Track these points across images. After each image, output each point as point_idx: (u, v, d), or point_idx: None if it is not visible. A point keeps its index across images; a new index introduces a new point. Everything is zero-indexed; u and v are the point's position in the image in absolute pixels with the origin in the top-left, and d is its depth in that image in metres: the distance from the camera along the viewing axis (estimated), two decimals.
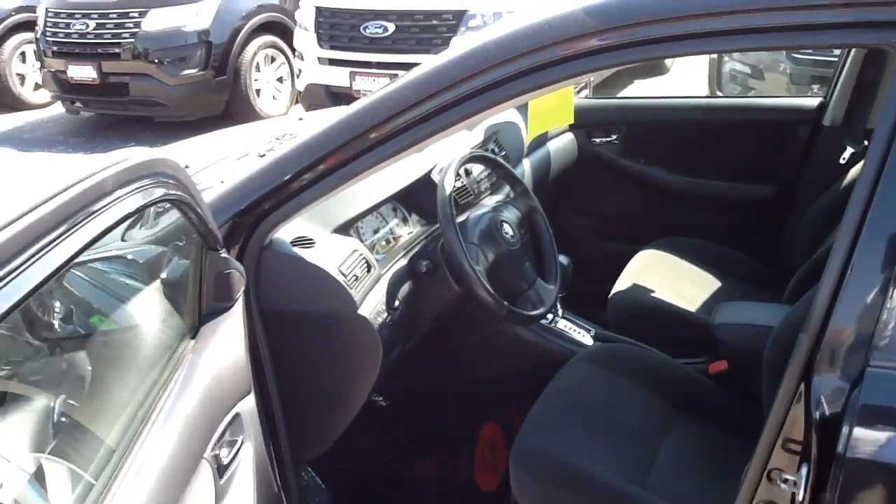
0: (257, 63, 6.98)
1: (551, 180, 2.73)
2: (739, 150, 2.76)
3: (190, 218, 1.19)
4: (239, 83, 6.87)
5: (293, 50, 6.56)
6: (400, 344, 1.84)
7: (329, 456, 1.81)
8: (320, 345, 1.61)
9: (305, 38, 5.96)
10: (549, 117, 2.21)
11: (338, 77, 5.76)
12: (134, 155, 1.01)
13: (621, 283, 2.47)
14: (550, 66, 1.36)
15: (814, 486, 1.18)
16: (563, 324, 2.29)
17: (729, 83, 5.03)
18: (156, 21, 6.60)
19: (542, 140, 2.70)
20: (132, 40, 6.58)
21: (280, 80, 7.25)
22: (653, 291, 2.40)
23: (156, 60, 6.59)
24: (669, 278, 2.47)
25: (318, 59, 5.85)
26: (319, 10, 5.79)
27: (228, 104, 6.91)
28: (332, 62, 5.78)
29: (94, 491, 0.97)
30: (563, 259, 2.23)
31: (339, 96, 5.71)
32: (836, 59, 3.02)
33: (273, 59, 7.17)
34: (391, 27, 5.45)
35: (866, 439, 1.12)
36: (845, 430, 1.12)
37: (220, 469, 1.20)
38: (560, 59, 1.35)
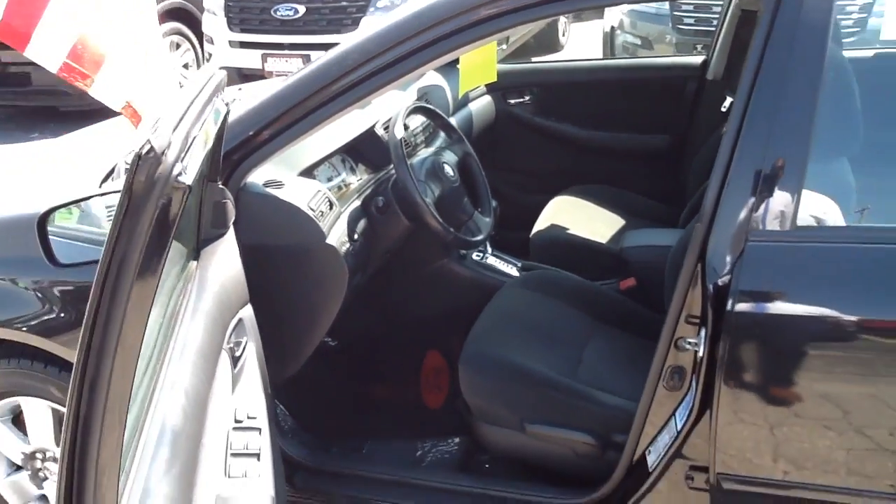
0: None
1: (473, 138, 3.01)
2: (637, 105, 3.11)
3: (217, 138, 1.41)
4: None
5: (198, 36, 6.63)
6: (360, 272, 2.09)
7: (290, 390, 2.05)
8: (295, 272, 1.85)
9: (215, 22, 6.06)
10: (476, 74, 2.50)
11: (249, 59, 5.89)
12: (221, 73, 1.25)
13: (540, 225, 2.79)
14: (472, 26, 1.64)
15: (711, 342, 1.51)
16: (492, 260, 2.60)
17: (621, 54, 5.45)
18: None
19: (463, 102, 2.99)
20: None
21: (186, 66, 7.28)
22: (567, 229, 2.73)
23: None
24: (581, 218, 2.80)
25: (229, 42, 5.97)
26: None
27: None
28: (244, 45, 5.91)
29: (150, 368, 1.20)
30: (492, 202, 2.53)
31: (251, 78, 5.84)
32: (713, 28, 3.42)
33: (178, 46, 7.19)
34: (302, 9, 5.62)
35: (748, 298, 1.46)
36: (732, 292, 1.45)
37: (234, 360, 1.44)
38: (477, 21, 1.64)
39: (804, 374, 1.48)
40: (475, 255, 2.59)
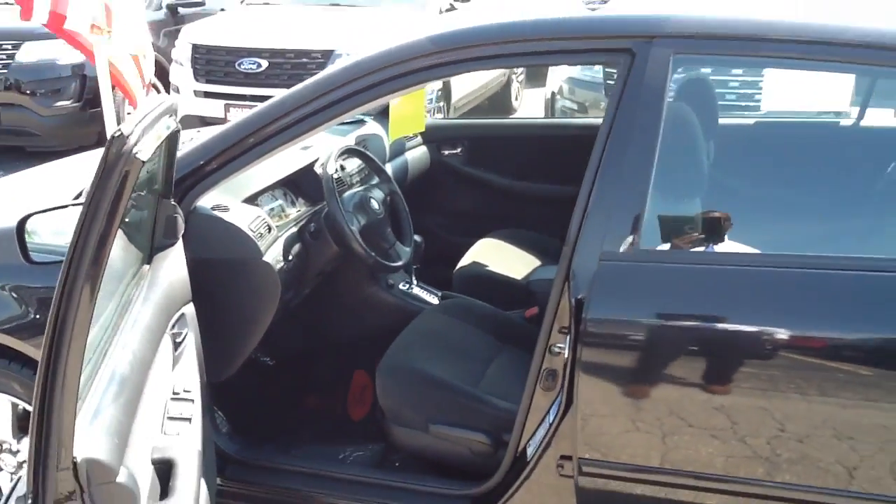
0: None
1: (408, 184, 3.36)
2: (554, 158, 3.48)
3: (169, 159, 1.72)
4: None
5: (166, 85, 6.96)
6: (292, 289, 2.40)
7: (228, 400, 2.32)
8: (235, 283, 2.15)
9: (181, 72, 6.41)
10: (405, 124, 2.86)
11: (212, 108, 6.24)
12: (172, 98, 1.56)
13: (464, 262, 3.12)
14: (402, 76, 2.00)
15: (573, 346, 1.83)
16: (417, 290, 2.92)
17: (560, 117, 5.89)
18: (30, 53, 6.81)
19: (400, 151, 3.35)
20: (5, 71, 6.76)
21: None
22: (487, 266, 3.07)
23: (28, 92, 6.79)
24: (500, 257, 3.14)
25: (194, 91, 6.31)
26: (196, 48, 6.28)
27: (101, 135, 7.18)
28: (208, 94, 6.26)
29: (107, 331, 1.48)
30: (417, 238, 2.87)
31: (213, 125, 6.19)
32: None
33: (146, 94, 7.52)
34: (264, 63, 6.01)
35: (600, 308, 1.79)
36: (588, 303, 1.78)
37: (176, 345, 1.73)
38: (409, 72, 1.99)
39: (646, 372, 1.81)
40: (402, 286, 2.91)
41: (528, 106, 8.81)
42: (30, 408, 2.24)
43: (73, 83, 6.93)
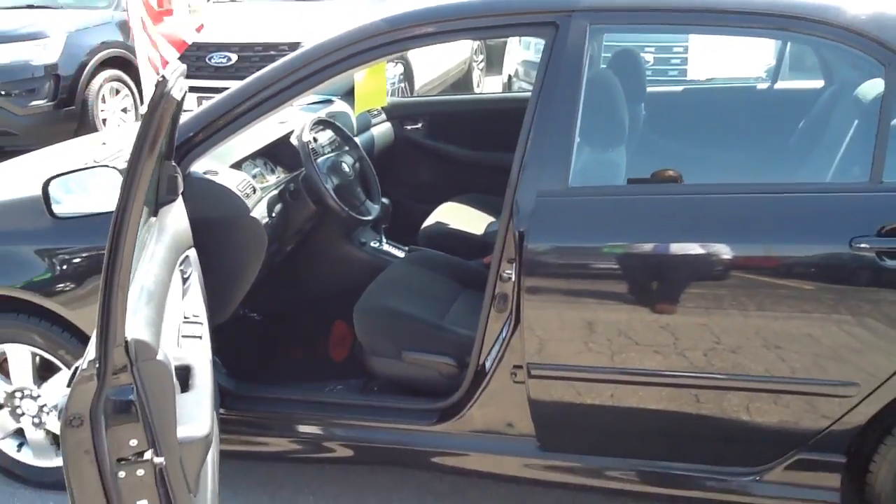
0: (103, 95, 7.55)
1: (375, 157, 3.71)
2: (506, 128, 3.83)
3: (172, 125, 2.05)
4: (87, 113, 7.41)
5: (137, 82, 7.22)
6: (276, 243, 2.74)
7: (222, 350, 2.64)
8: (227, 237, 2.49)
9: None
10: (369, 98, 3.22)
11: (186, 103, 6.51)
12: (182, 65, 1.88)
13: (428, 222, 3.48)
14: (362, 52, 2.35)
15: (518, 272, 2.19)
16: (387, 247, 3.28)
17: None
18: (3, 55, 7.04)
19: (366, 127, 3.69)
20: None
21: (125, 110, 7.84)
22: (449, 224, 3.43)
23: (4, 92, 7.01)
24: (461, 217, 3.51)
25: None
26: None
27: (77, 133, 7.40)
28: None
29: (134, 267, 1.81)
30: (385, 200, 3.23)
31: None
32: None
33: (118, 92, 7.76)
34: (234, 57, 6.31)
35: (537, 238, 2.15)
36: (527, 234, 2.14)
37: (184, 280, 2.06)
38: (368, 48, 2.34)
39: (577, 289, 2.19)
40: (373, 244, 3.27)
41: (489, 89, 9.18)
42: (48, 357, 2.57)
43: (47, 83, 7.17)
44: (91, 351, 1.45)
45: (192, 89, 6.48)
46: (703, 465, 2.30)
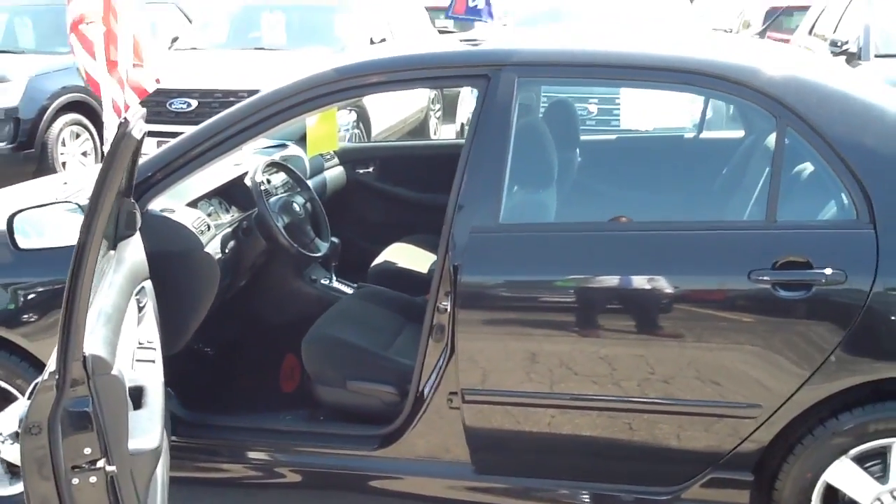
0: (63, 138, 7.65)
1: (327, 199, 3.89)
2: (454, 173, 4.06)
3: (132, 164, 2.21)
4: (46, 156, 7.49)
5: (97, 126, 7.34)
6: (229, 277, 2.89)
7: (176, 381, 2.76)
8: (182, 271, 2.64)
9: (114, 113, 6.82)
10: (321, 142, 3.41)
11: (146, 146, 6.64)
12: (142, 110, 2.04)
13: (377, 261, 3.66)
14: (313, 99, 2.54)
15: (453, 304, 2.37)
16: (336, 284, 3.44)
17: None
18: None
19: (319, 170, 3.88)
20: None
21: (84, 154, 7.94)
22: (397, 263, 3.61)
23: None
24: (408, 256, 3.69)
25: None
26: None
27: (35, 175, 7.48)
28: None
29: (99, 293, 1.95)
30: (335, 239, 3.41)
31: None
32: None
33: (78, 135, 7.86)
34: (194, 103, 6.49)
35: (470, 271, 2.33)
36: (461, 269, 2.32)
37: (139, 308, 2.21)
38: (319, 95, 2.54)
39: (506, 319, 2.37)
40: (323, 280, 3.43)
41: (446, 136, 9.46)
42: (5, 386, 2.67)
43: (7, 126, 7.26)
44: (52, 364, 1.59)
45: (153, 134, 6.69)
46: (628, 486, 2.47)
